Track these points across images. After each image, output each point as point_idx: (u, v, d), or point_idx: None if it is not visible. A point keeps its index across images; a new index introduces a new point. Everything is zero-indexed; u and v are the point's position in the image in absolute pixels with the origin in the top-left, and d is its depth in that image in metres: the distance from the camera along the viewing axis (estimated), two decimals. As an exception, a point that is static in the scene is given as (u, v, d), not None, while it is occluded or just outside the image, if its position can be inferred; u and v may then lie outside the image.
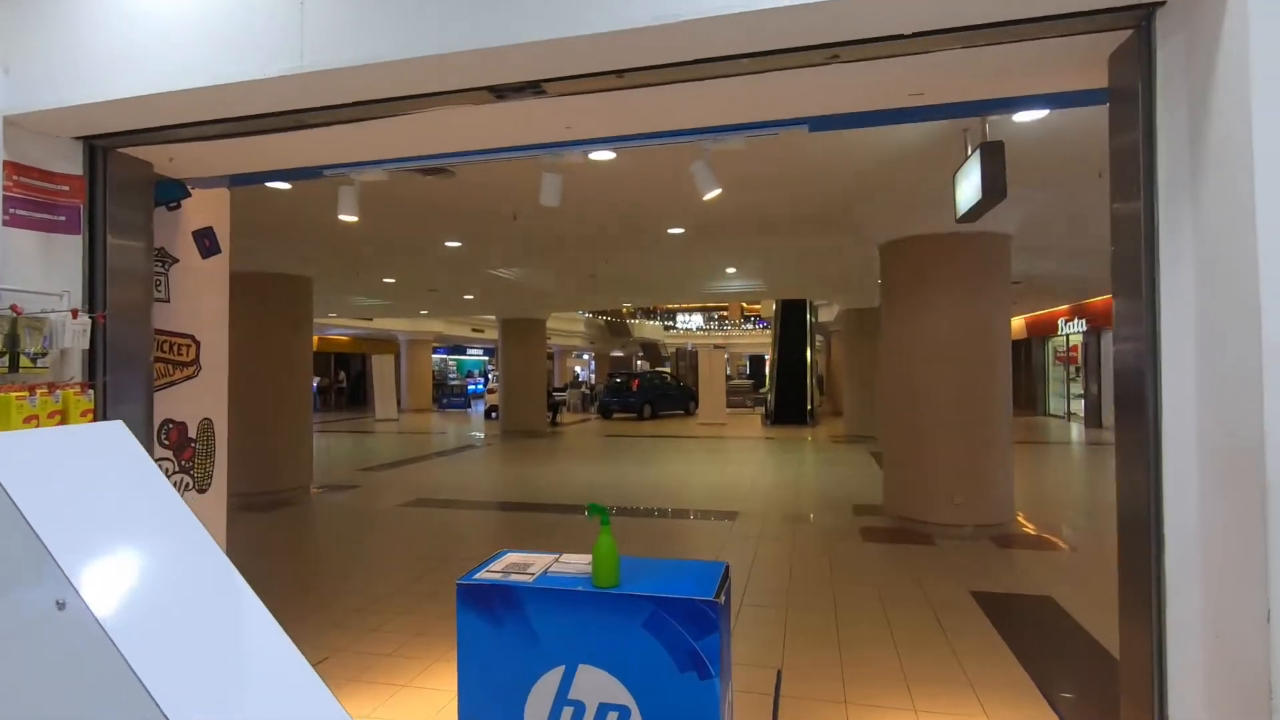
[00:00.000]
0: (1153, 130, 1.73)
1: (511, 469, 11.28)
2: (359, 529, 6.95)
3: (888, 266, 7.02)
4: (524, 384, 16.92)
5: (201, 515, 3.31)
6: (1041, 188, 5.85)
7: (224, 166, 3.01)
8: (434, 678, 3.50)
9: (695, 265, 10.30)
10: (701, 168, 2.62)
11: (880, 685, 3.38)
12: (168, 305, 3.16)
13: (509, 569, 2.32)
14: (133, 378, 2.77)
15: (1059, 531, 6.52)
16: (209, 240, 3.37)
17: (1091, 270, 10.84)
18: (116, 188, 2.68)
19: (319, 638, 4.03)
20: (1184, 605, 1.65)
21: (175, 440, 3.19)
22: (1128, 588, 1.88)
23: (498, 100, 2.23)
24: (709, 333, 45.16)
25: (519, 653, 2.15)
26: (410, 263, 9.95)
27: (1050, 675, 3.47)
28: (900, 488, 6.77)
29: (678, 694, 2.03)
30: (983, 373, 6.36)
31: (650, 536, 6.48)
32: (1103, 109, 1.99)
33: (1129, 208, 1.82)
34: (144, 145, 2.63)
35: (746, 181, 5.52)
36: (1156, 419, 1.73)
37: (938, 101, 2.27)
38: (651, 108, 2.33)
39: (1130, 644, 1.85)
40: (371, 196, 6.00)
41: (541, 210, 6.58)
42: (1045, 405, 20.56)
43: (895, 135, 4.59)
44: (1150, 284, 1.72)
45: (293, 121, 2.39)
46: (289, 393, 8.62)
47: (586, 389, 28.53)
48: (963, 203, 4.40)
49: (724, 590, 2.13)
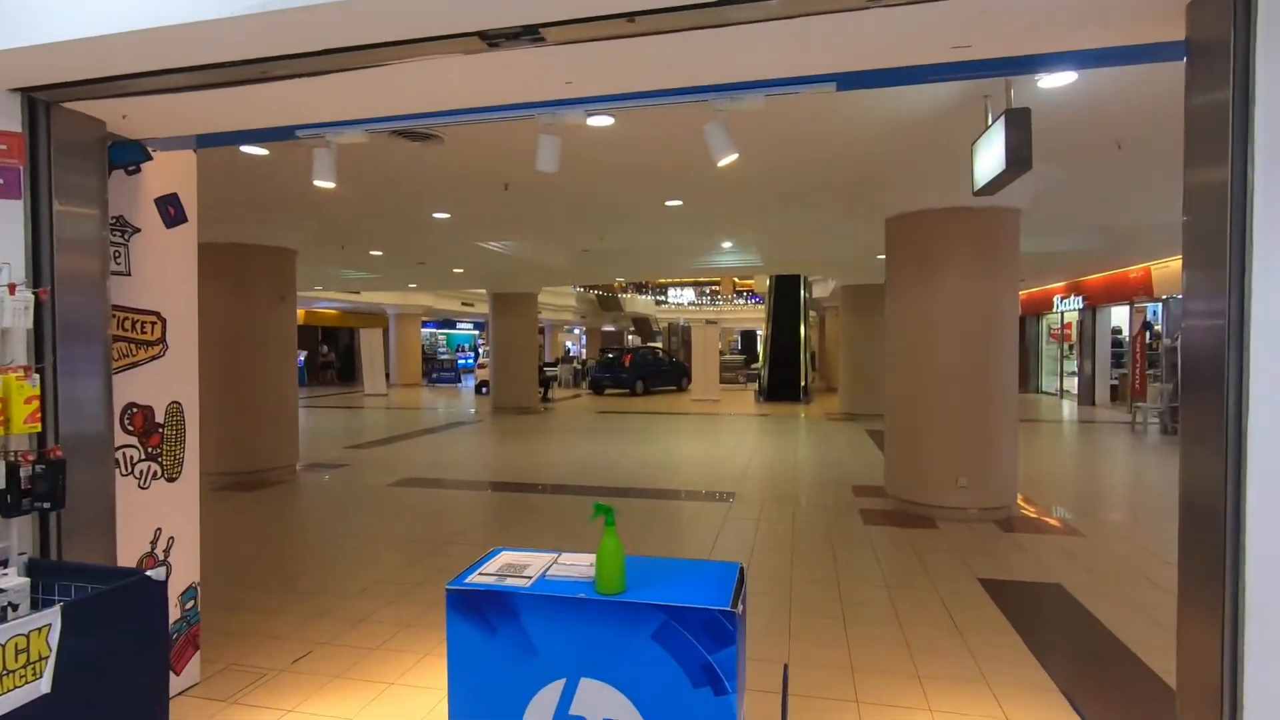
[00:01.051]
0: (1249, 86, 1.50)
1: (503, 447, 11.08)
2: (346, 510, 6.75)
3: (894, 241, 6.78)
4: (515, 359, 16.67)
5: (172, 505, 3.10)
6: (1055, 160, 5.62)
7: (186, 126, 2.72)
8: (424, 674, 3.32)
9: (692, 239, 10.02)
10: (717, 130, 2.37)
11: (892, 681, 3.23)
12: (128, 279, 2.90)
13: (504, 571, 2.12)
14: (88, 358, 2.52)
15: (1062, 515, 6.41)
16: (173, 208, 3.10)
17: (1098, 246, 10.65)
18: (63, 148, 2.40)
19: (304, 629, 3.84)
20: (1267, 623, 1.46)
21: (141, 426, 2.95)
22: (1192, 594, 1.69)
23: (490, 49, 1.97)
24: (701, 308, 44.90)
25: (515, 664, 1.96)
26: (397, 235, 9.62)
27: (1067, 670, 3.34)
28: (903, 469, 6.62)
29: (690, 712, 1.84)
30: (990, 352, 6.18)
31: (646, 518, 6.32)
32: (1129, 72, 1.76)
33: (1212, 175, 1.60)
34: (92, 99, 2.35)
35: (748, 150, 5.25)
36: (1240, 404, 1.53)
37: (984, 56, 2.03)
38: (664, 60, 2.07)
39: (1192, 662, 1.67)
40: (356, 164, 5.69)
41: (534, 181, 6.28)
42: (1038, 383, 20.54)
43: (911, 102, 4.33)
44: (1240, 258, 1.51)
45: (257, 72, 2.11)
46: (273, 369, 8.34)
47: (578, 364, 28.30)
48: (982, 174, 4.17)
49: (740, 597, 1.93)
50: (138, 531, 2.93)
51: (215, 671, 3.33)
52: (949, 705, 3.01)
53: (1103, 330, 16.37)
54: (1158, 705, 3.02)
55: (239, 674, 3.32)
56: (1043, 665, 3.39)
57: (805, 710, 2.99)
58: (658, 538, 5.67)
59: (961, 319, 6.16)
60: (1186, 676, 1.71)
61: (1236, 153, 1.52)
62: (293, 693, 3.15)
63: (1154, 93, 4.12)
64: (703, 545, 5.48)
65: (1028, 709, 2.98)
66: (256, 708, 3.02)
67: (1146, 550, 5.27)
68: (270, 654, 3.53)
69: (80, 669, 1.77)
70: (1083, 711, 2.96)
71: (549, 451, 10.51)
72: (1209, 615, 1.61)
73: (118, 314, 2.82)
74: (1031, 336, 20.50)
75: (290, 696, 3.11)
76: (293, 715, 2.96)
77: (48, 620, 1.71)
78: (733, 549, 5.35)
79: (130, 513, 2.85)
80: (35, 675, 1.68)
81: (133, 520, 2.87)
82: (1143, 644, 3.62)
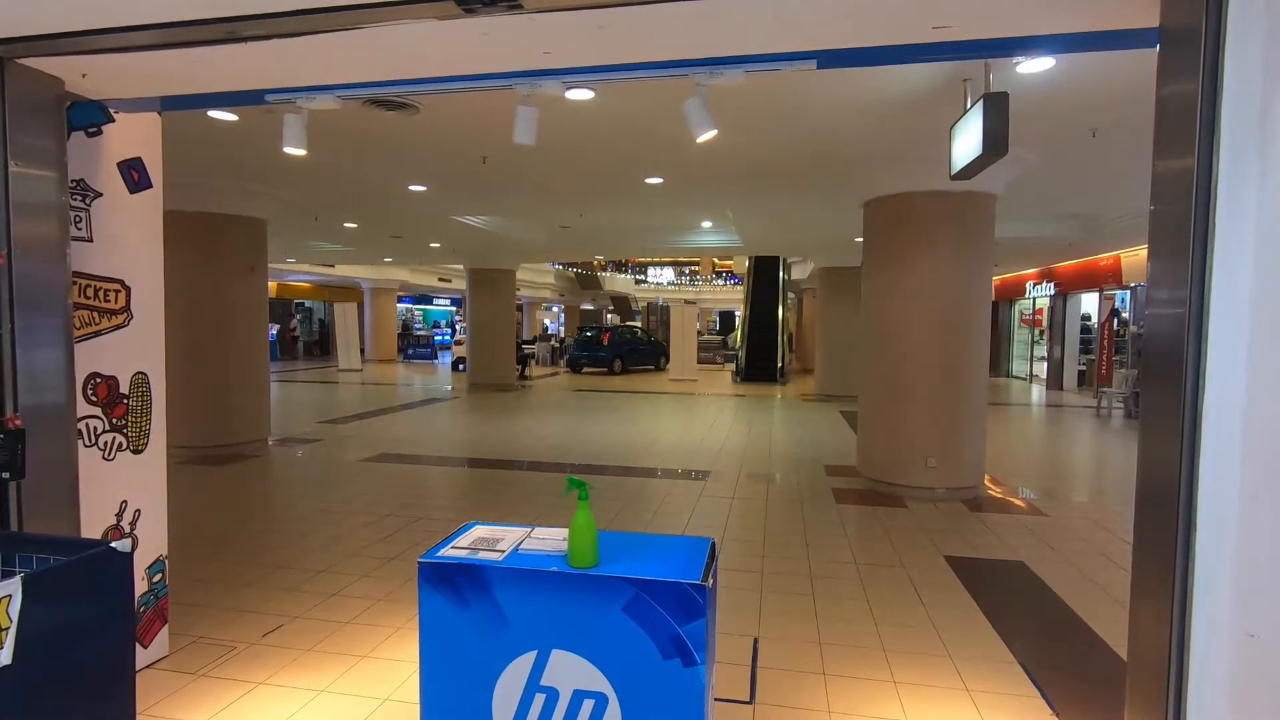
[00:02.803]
0: (1217, 76, 1.52)
1: (480, 423, 11.04)
2: (320, 485, 6.69)
3: (871, 224, 6.83)
4: (492, 336, 16.54)
5: (138, 478, 3.05)
6: (1032, 146, 5.68)
7: (149, 87, 2.63)
8: (397, 647, 3.33)
9: (671, 217, 9.98)
10: (696, 106, 2.35)
11: (859, 655, 3.31)
12: (90, 245, 2.81)
13: (476, 545, 2.13)
14: (48, 326, 2.45)
15: (1027, 495, 6.58)
16: (137, 173, 3.00)
17: (1070, 234, 10.82)
18: (18, 106, 2.30)
19: (275, 603, 3.82)
20: (1214, 599, 1.52)
21: (104, 396, 2.88)
22: (1144, 573, 1.75)
23: (465, 15, 1.92)
24: (680, 288, 44.89)
25: (487, 636, 1.97)
26: (372, 207, 9.44)
27: (1027, 644, 3.45)
28: (874, 449, 6.73)
29: (660, 682, 1.88)
30: (962, 335, 6.27)
31: (622, 496, 6.36)
32: (1106, 59, 1.78)
33: (1178, 164, 1.63)
34: (48, 55, 2.26)
35: (728, 129, 5.22)
36: (1197, 391, 1.58)
37: (963, 37, 2.03)
38: (644, 31, 2.04)
39: (1142, 639, 1.73)
40: (329, 132, 5.55)
41: (512, 155, 6.19)
42: (1009, 367, 20.94)
43: (890, 84, 4.33)
44: (1202, 247, 1.55)
45: (224, 32, 2.04)
46: (244, 341, 8.19)
47: (556, 342, 28.19)
48: (959, 158, 4.20)
49: (711, 571, 1.96)
50: (102, 504, 2.88)
51: (184, 645, 3.31)
52: (913, 678, 3.10)
53: (1073, 316, 16.70)
54: (1110, 676, 3.14)
55: (208, 647, 3.30)
56: (1003, 639, 3.50)
57: (774, 682, 3.06)
58: (632, 515, 5.71)
59: (935, 302, 6.24)
60: (1137, 649, 1.78)
61: (1203, 143, 1.55)
62: (264, 666, 3.14)
63: (1129, 81, 4.17)
64: (677, 522, 5.54)
65: (987, 680, 3.08)
66: (226, 680, 3.01)
67: (1107, 530, 5.44)
68: (241, 628, 3.51)
69: (43, 641, 1.74)
70: (1038, 682, 3.07)
71: (525, 429, 10.49)
72: (1161, 591, 1.67)
73: (79, 281, 2.74)
74: (1003, 321, 20.86)
75: (261, 669, 3.11)
76: (263, 688, 2.95)
77: (8, 591, 1.67)
78: (706, 526, 5.42)
79: (94, 485, 2.79)
80: (-5, 646, 1.65)
81: (97, 492, 2.82)
82: (1099, 619, 3.75)
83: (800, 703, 2.90)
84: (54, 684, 1.79)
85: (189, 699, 2.86)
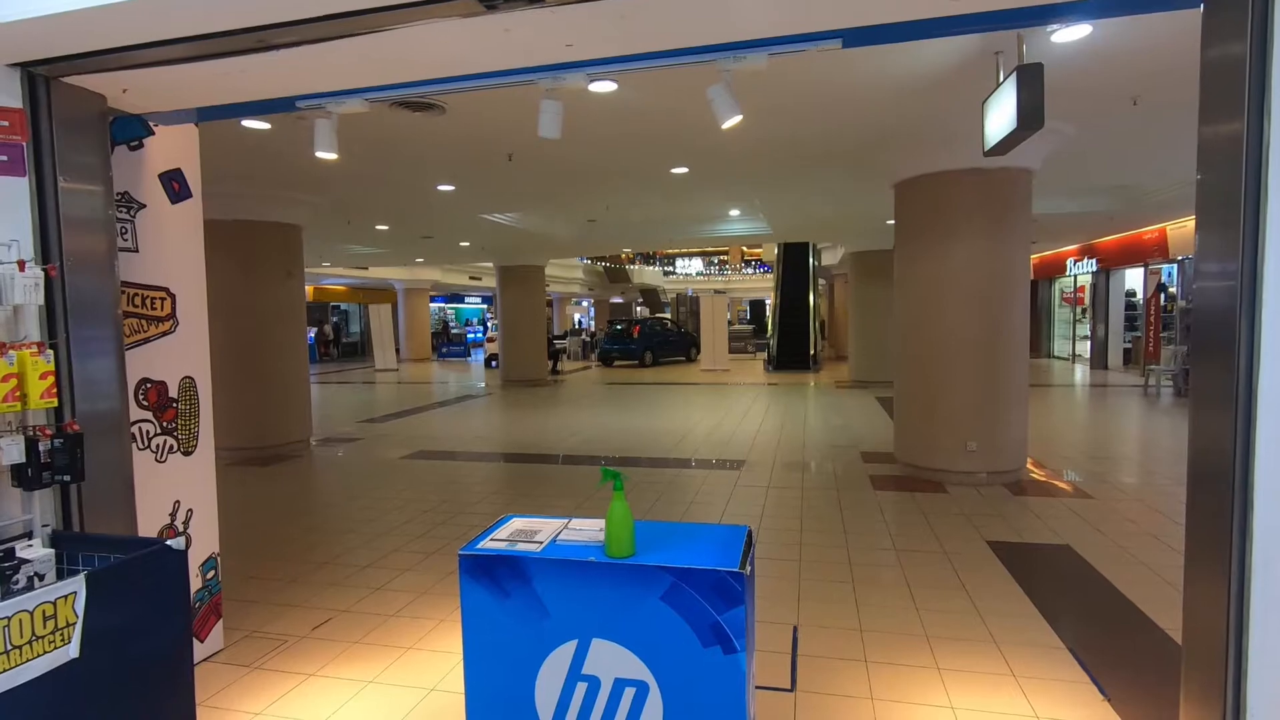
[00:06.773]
0: (1267, 35, 1.46)
1: (514, 419, 11.17)
2: (361, 483, 6.85)
3: (903, 205, 6.70)
4: (523, 332, 16.69)
5: (189, 479, 3.16)
6: (1069, 119, 5.50)
7: (185, 99, 2.70)
8: (441, 639, 3.40)
9: (698, 207, 9.93)
10: (721, 91, 2.33)
11: (900, 642, 3.28)
12: (136, 255, 2.91)
13: (514, 537, 2.15)
14: (100, 334, 2.54)
15: (1072, 478, 6.42)
16: (178, 183, 3.09)
17: (1112, 207, 10.47)
18: (65, 123, 2.39)
19: (323, 597, 3.93)
20: (1273, 581, 1.47)
21: (155, 401, 2.99)
22: (1198, 556, 1.70)
23: (487, 11, 1.94)
24: (709, 277, 44.65)
25: (528, 626, 2.00)
26: (402, 208, 9.59)
27: (1075, 629, 3.37)
28: (912, 434, 6.62)
29: (700, 670, 1.88)
30: (1000, 315, 6.13)
31: (656, 487, 6.38)
32: (1145, 23, 1.70)
33: (1226, 129, 1.57)
34: (90, 73, 2.34)
35: (754, 114, 5.16)
36: (1250, 365, 1.52)
37: (994, 7, 1.97)
38: (666, 19, 2.03)
39: (1198, 622, 1.68)
40: (358, 136, 5.64)
41: (537, 151, 6.22)
42: (1050, 347, 20.39)
43: (919, 61, 4.23)
44: (1253, 216, 1.49)
45: (255, 41, 2.09)
46: (284, 344, 8.41)
47: (587, 336, 28.31)
48: (993, 134, 4.09)
49: (748, 559, 1.96)
50: (157, 504, 2.99)
51: (238, 639, 3.43)
52: (957, 664, 3.06)
53: (1116, 293, 16.17)
54: (1164, 661, 3.06)
55: (261, 641, 3.42)
56: (1050, 625, 3.42)
57: (815, 670, 3.04)
58: (668, 506, 5.72)
59: (971, 283, 6.10)
60: (1193, 633, 1.72)
61: (1253, 107, 1.48)
62: (315, 658, 3.24)
63: (1171, 46, 4.01)
64: (713, 512, 5.53)
65: (1034, 666, 3.02)
66: (280, 672, 3.11)
67: (1157, 511, 5.27)
68: (291, 621, 3.63)
69: (106, 635, 1.82)
70: (1089, 668, 3.00)
71: (559, 423, 10.58)
72: (1216, 573, 1.61)
73: (127, 290, 2.84)
74: (1043, 300, 20.29)
75: (312, 661, 3.20)
76: (315, 679, 3.05)
77: (73, 588, 1.75)
78: (742, 516, 5.40)
79: (148, 486, 2.90)
80: (64, 641, 1.73)
81: (151, 493, 2.93)
82: (1151, 602, 3.65)
83: (842, 690, 2.88)
84: (118, 676, 1.87)
85: (246, 690, 2.97)
